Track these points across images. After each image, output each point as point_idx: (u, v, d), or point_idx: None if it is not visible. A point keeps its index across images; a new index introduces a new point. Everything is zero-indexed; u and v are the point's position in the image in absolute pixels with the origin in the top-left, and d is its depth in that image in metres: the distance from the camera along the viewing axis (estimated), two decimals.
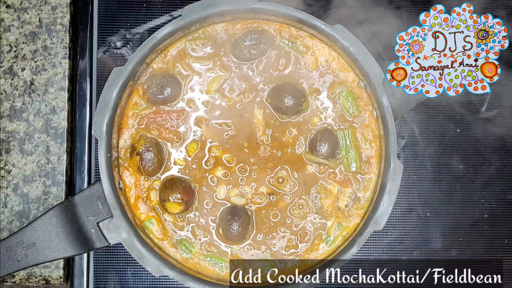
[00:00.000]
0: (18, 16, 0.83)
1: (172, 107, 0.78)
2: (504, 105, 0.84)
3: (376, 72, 0.75)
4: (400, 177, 0.75)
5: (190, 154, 0.77)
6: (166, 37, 0.76)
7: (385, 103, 0.75)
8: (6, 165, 0.82)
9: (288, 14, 0.76)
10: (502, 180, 0.84)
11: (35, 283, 0.82)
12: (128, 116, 0.78)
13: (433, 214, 0.83)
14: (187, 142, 0.77)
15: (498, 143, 0.84)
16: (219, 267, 0.77)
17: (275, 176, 0.77)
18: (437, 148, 0.84)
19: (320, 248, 0.77)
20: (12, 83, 0.83)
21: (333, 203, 0.77)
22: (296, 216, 0.77)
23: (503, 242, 0.83)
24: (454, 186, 0.83)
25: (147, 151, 0.75)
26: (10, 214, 0.82)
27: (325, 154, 0.76)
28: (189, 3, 0.76)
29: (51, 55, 0.83)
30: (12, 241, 0.74)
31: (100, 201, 0.75)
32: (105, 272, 0.82)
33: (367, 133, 0.78)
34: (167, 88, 0.76)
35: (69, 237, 0.74)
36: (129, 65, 0.75)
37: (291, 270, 0.77)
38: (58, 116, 0.83)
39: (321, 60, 0.78)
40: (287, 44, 0.78)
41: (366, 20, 0.83)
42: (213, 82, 0.78)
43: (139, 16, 0.84)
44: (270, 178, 0.77)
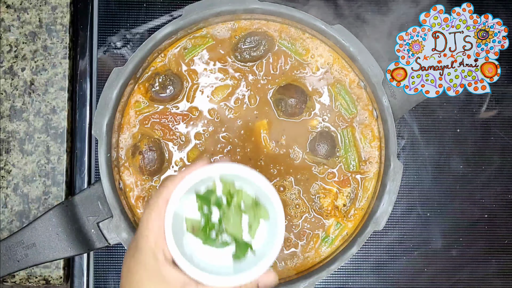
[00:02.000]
0: (18, 16, 0.83)
1: (177, 109, 0.78)
2: (504, 105, 0.84)
3: (376, 72, 0.75)
4: (400, 177, 0.75)
5: (190, 160, 0.77)
6: (166, 37, 0.76)
7: (385, 103, 0.75)
8: (6, 165, 0.82)
9: (288, 14, 0.76)
10: (502, 180, 0.84)
11: (35, 283, 0.82)
12: (130, 115, 0.78)
13: (433, 214, 0.83)
14: (189, 148, 0.77)
15: (498, 143, 0.84)
16: None
17: (278, 184, 0.77)
18: (437, 148, 0.84)
19: (320, 248, 0.77)
20: (12, 83, 0.83)
21: (332, 202, 0.77)
22: (293, 216, 0.77)
23: (503, 242, 0.83)
24: (454, 186, 0.83)
25: (150, 150, 0.75)
26: (10, 214, 0.82)
27: (324, 154, 0.76)
28: (189, 3, 0.76)
29: (51, 55, 0.83)
30: (12, 241, 0.74)
31: (100, 201, 0.75)
32: (105, 272, 0.82)
33: (367, 133, 0.78)
34: (170, 87, 0.76)
35: (69, 237, 0.74)
36: (129, 65, 0.75)
37: (291, 270, 0.77)
38: (58, 116, 0.83)
39: (321, 61, 0.78)
40: (287, 46, 0.78)
41: (366, 20, 0.83)
42: (217, 90, 0.78)
43: (139, 16, 0.84)
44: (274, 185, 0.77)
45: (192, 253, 0.60)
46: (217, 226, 0.62)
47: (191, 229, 0.62)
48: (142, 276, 0.59)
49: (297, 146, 0.78)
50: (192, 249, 0.62)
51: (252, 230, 0.62)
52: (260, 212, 0.62)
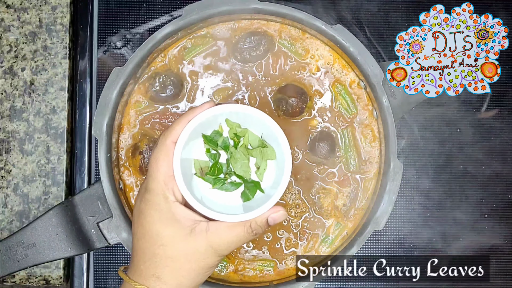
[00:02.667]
0: (18, 16, 0.83)
1: (178, 109, 0.78)
2: (504, 105, 0.84)
3: (376, 72, 0.75)
4: (400, 177, 0.75)
5: None
6: (166, 37, 0.76)
7: (385, 103, 0.75)
8: (6, 165, 0.82)
9: (288, 14, 0.76)
10: (502, 180, 0.84)
11: (35, 283, 0.82)
12: (130, 115, 0.78)
13: (433, 214, 0.83)
14: None
15: (498, 143, 0.84)
16: (219, 267, 0.77)
17: None
18: (437, 148, 0.84)
19: (320, 248, 0.77)
20: (12, 83, 0.83)
21: (332, 202, 0.77)
22: (293, 216, 0.77)
23: (503, 242, 0.83)
24: (454, 186, 0.83)
25: (150, 150, 0.75)
26: (10, 214, 0.82)
27: (324, 154, 0.76)
28: (189, 3, 0.76)
29: (51, 55, 0.83)
30: (12, 241, 0.74)
31: (100, 201, 0.75)
32: (105, 272, 0.82)
33: (367, 133, 0.78)
34: (170, 87, 0.76)
35: (69, 237, 0.74)
36: (129, 65, 0.75)
37: (291, 270, 0.77)
38: (58, 116, 0.83)
39: (321, 61, 0.78)
40: (287, 46, 0.78)
41: (366, 20, 0.83)
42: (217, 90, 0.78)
43: (139, 16, 0.84)
44: None
45: (202, 197, 0.61)
46: (225, 168, 0.63)
47: (200, 171, 0.63)
48: (154, 216, 0.60)
49: (297, 146, 0.78)
50: (201, 193, 0.62)
51: (260, 171, 0.63)
52: (267, 152, 0.63)
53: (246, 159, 0.63)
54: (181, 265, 0.59)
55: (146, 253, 0.60)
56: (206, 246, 0.59)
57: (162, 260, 0.59)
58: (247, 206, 0.63)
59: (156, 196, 0.60)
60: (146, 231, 0.60)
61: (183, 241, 0.59)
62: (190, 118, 0.61)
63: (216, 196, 0.63)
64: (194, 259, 0.59)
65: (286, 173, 0.60)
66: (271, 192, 0.61)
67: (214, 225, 0.59)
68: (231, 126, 0.63)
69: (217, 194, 0.63)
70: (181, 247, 0.59)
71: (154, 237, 0.60)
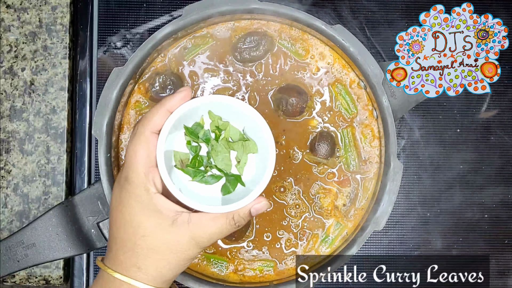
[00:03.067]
0: (18, 16, 0.83)
1: None
2: (504, 105, 0.84)
3: (376, 72, 0.75)
4: (400, 177, 0.75)
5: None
6: (166, 37, 0.76)
7: (385, 103, 0.75)
8: (6, 165, 0.82)
9: (288, 14, 0.76)
10: (502, 180, 0.84)
11: (35, 283, 0.82)
12: (130, 115, 0.78)
13: (433, 214, 0.83)
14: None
15: (498, 143, 0.84)
16: (219, 268, 0.77)
17: (278, 184, 0.77)
18: (437, 148, 0.84)
19: (320, 248, 0.77)
20: (12, 83, 0.83)
21: (332, 202, 0.77)
22: (293, 216, 0.77)
23: (503, 242, 0.83)
24: (454, 186, 0.83)
25: None
26: (10, 214, 0.82)
27: (324, 154, 0.76)
28: (189, 3, 0.76)
29: (51, 55, 0.83)
30: (12, 241, 0.74)
31: (100, 201, 0.75)
32: None
33: (367, 132, 0.78)
34: (170, 87, 0.76)
35: (69, 237, 0.74)
36: (129, 65, 0.75)
37: (291, 270, 0.77)
38: (58, 116, 0.83)
39: (321, 61, 0.78)
40: (287, 46, 0.78)
41: (366, 20, 0.83)
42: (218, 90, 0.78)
43: (139, 16, 0.84)
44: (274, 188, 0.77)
45: (180, 188, 0.60)
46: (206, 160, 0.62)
47: (180, 163, 0.62)
48: (135, 207, 0.59)
49: (297, 146, 0.78)
50: (181, 185, 0.62)
51: (240, 164, 0.62)
52: (248, 146, 0.62)
53: (227, 152, 0.62)
54: (162, 256, 0.59)
55: (126, 243, 0.60)
56: (188, 238, 0.59)
57: (144, 251, 0.59)
58: (226, 199, 0.62)
59: (136, 188, 0.59)
60: (126, 221, 0.60)
61: (165, 232, 0.58)
62: (167, 107, 0.60)
63: (196, 188, 0.63)
64: (175, 250, 0.59)
65: (270, 165, 0.60)
66: (252, 186, 0.61)
67: (197, 216, 0.59)
68: (213, 118, 0.63)
69: (196, 187, 0.63)
70: (163, 238, 0.59)
71: (135, 228, 0.59)
